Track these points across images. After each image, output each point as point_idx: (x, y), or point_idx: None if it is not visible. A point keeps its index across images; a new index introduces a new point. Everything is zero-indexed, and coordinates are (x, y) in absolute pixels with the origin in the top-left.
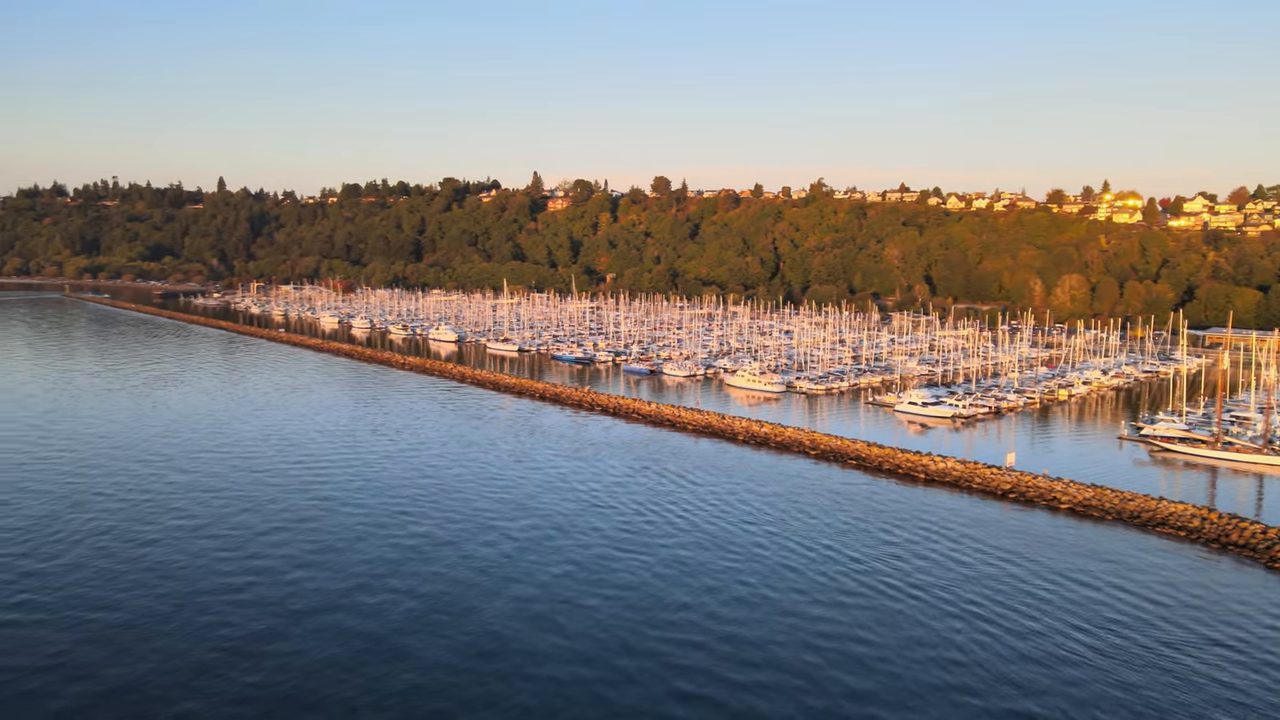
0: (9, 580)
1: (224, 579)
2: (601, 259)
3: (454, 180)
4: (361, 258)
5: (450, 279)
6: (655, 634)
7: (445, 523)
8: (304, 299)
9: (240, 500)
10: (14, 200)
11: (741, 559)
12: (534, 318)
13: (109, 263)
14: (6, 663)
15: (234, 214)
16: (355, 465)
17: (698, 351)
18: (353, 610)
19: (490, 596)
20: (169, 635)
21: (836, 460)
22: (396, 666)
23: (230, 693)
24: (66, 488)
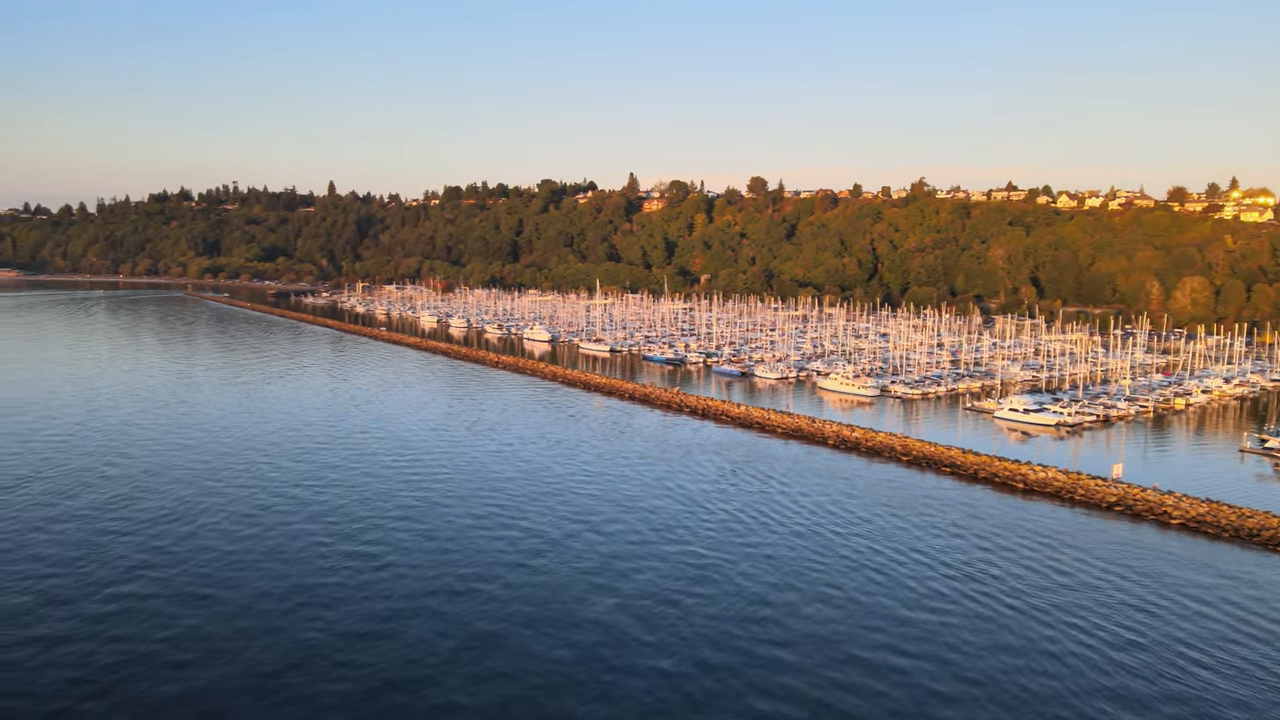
0: (133, 562)
1: (331, 567)
2: (696, 260)
3: (551, 182)
4: (461, 258)
5: (546, 279)
6: (744, 632)
7: (537, 519)
8: (405, 298)
9: (346, 492)
10: (145, 205)
11: (829, 561)
12: (627, 318)
13: (228, 263)
14: (129, 632)
15: (342, 216)
16: (453, 461)
17: (790, 354)
18: (456, 603)
19: (584, 592)
20: (282, 616)
21: (929, 467)
22: (502, 660)
23: (331, 675)
24: (191, 475)
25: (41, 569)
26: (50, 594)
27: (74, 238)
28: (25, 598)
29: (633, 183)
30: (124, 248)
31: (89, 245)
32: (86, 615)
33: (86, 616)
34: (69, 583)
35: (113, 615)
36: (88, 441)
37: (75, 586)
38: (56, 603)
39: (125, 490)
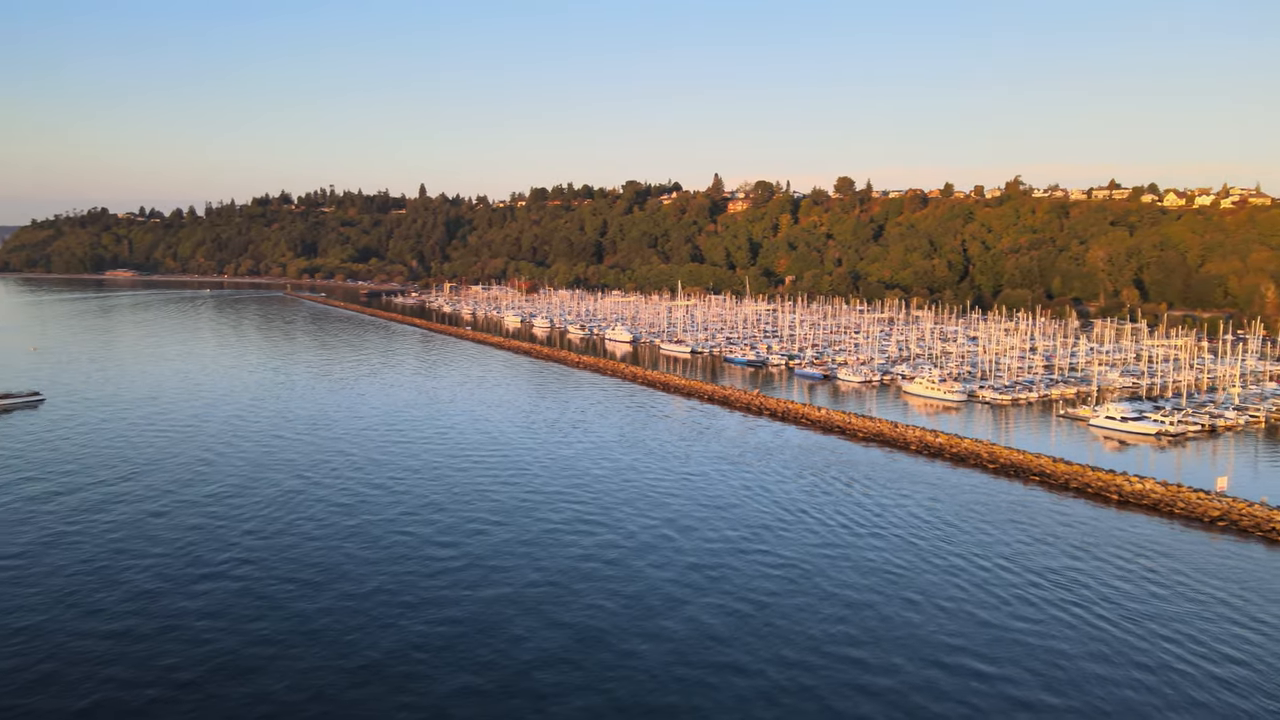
0: (235, 547)
1: (419, 559)
2: (780, 261)
3: (636, 183)
4: (546, 259)
5: (629, 280)
6: (825, 635)
7: (617, 517)
8: (491, 299)
9: (432, 487)
10: (249, 208)
11: (912, 567)
12: (709, 319)
13: (324, 263)
14: (231, 611)
15: (432, 218)
16: (535, 458)
17: (874, 357)
18: (538, 600)
19: (665, 592)
20: (370, 609)
21: (1017, 475)
22: (585, 656)
23: (408, 669)
24: (290, 467)
25: (156, 551)
26: (164, 575)
27: (184, 240)
28: (143, 575)
29: (717, 183)
30: (229, 249)
31: (197, 247)
32: (197, 596)
33: (197, 597)
34: (178, 565)
35: (217, 599)
36: (198, 433)
37: (185, 570)
38: (169, 585)
39: (236, 480)
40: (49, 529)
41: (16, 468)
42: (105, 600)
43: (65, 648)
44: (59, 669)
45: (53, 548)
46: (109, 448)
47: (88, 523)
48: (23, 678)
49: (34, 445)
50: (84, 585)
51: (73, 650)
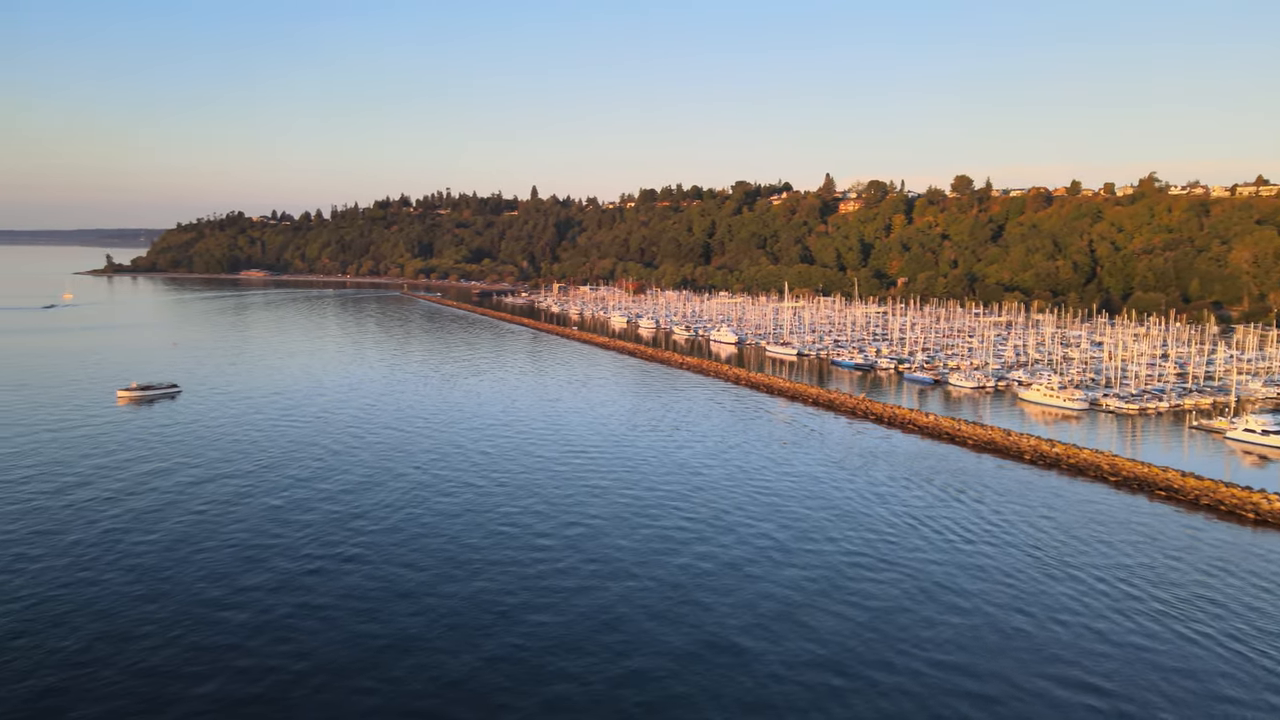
0: (345, 536)
1: (509, 553)
2: (893, 262)
3: (745, 183)
4: (654, 260)
5: (736, 281)
6: (918, 648)
7: (711, 517)
8: (598, 299)
9: (530, 482)
10: (370, 211)
11: (1021, 581)
12: (816, 322)
13: (439, 264)
14: (334, 598)
15: (543, 220)
16: (635, 457)
17: (989, 362)
18: (617, 594)
19: (751, 594)
20: (457, 597)
21: (1141, 489)
22: (639, 648)
23: (494, 651)
24: (405, 459)
25: (260, 537)
26: (294, 559)
27: (311, 241)
28: (279, 558)
29: (828, 183)
30: (351, 250)
31: (323, 248)
32: (287, 580)
33: (286, 581)
34: (280, 549)
35: (349, 583)
36: (320, 425)
37: (315, 554)
38: (298, 567)
39: (335, 471)
40: (190, 512)
41: (155, 453)
42: (241, 580)
43: (204, 621)
44: (197, 643)
45: (188, 529)
46: (238, 437)
47: (218, 507)
48: (166, 652)
49: (170, 433)
50: (219, 565)
51: (209, 626)
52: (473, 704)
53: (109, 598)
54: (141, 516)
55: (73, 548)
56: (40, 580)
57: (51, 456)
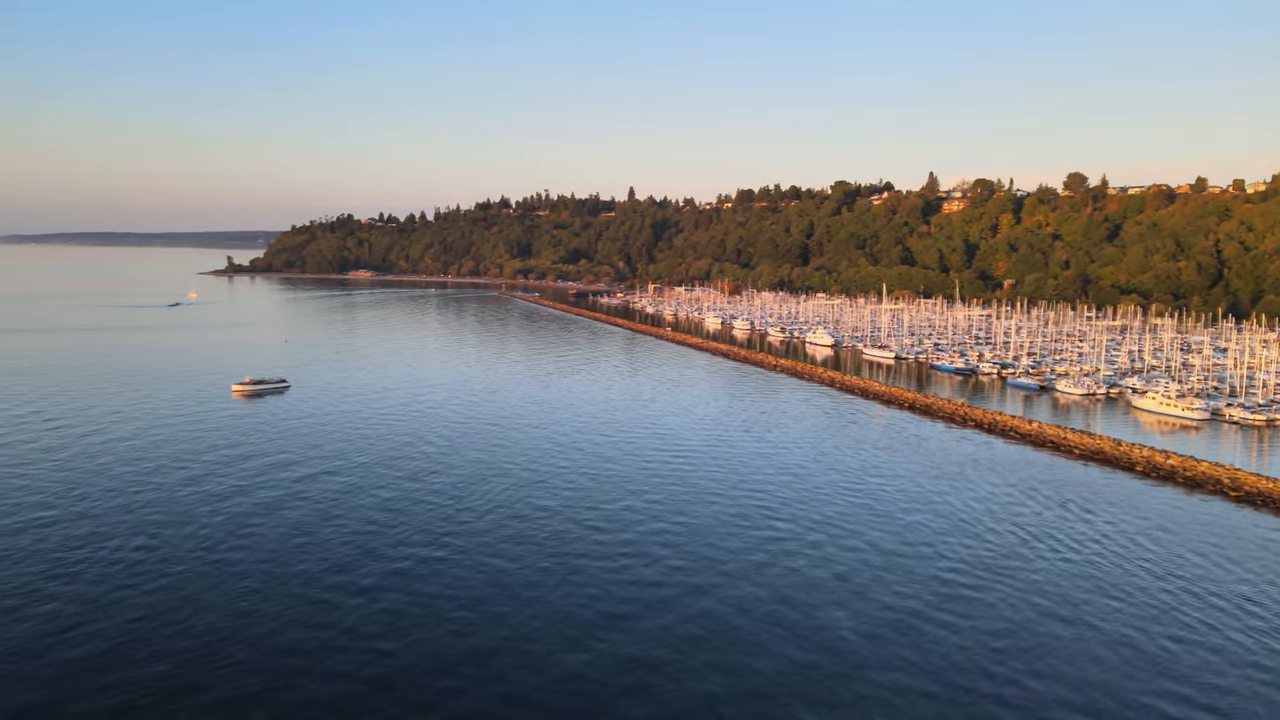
0: (448, 529)
1: (601, 552)
2: (999, 264)
3: (845, 183)
4: (750, 261)
5: (834, 283)
6: (1006, 657)
7: (796, 521)
8: (693, 300)
9: (624, 482)
10: (471, 213)
11: (1122, 600)
12: (916, 324)
13: (536, 264)
14: (429, 590)
15: (639, 220)
16: (725, 458)
17: (1100, 368)
18: (710, 597)
19: (827, 600)
20: (557, 593)
21: (1267, 506)
22: (742, 656)
23: (592, 650)
24: (491, 455)
25: (364, 528)
26: (368, 549)
27: (415, 243)
28: (350, 549)
29: (932, 182)
30: (453, 251)
31: (426, 249)
32: (392, 571)
33: (392, 572)
34: (385, 541)
35: (413, 573)
36: (420, 421)
37: (388, 545)
38: (372, 557)
39: (434, 466)
40: (284, 497)
41: (265, 445)
42: (352, 569)
43: (319, 606)
44: (315, 627)
45: (283, 515)
46: (342, 431)
47: (328, 498)
48: (289, 635)
49: (279, 426)
50: (331, 554)
51: (325, 611)
52: (568, 700)
53: (231, 580)
54: (259, 505)
55: (198, 532)
56: (169, 562)
57: (175, 445)
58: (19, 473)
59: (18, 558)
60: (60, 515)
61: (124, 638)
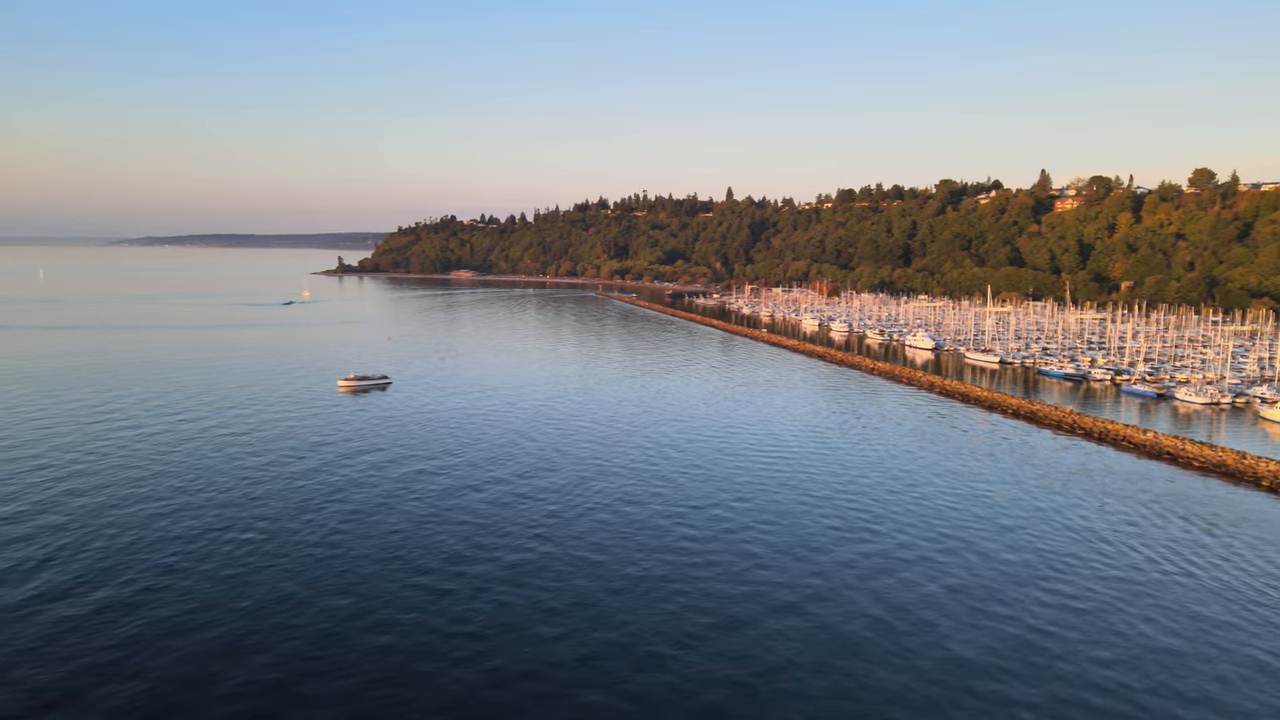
0: (545, 526)
1: (698, 558)
2: (1116, 265)
3: (950, 182)
4: (850, 262)
5: (937, 285)
6: (1127, 683)
7: (897, 530)
8: (790, 301)
9: (720, 484)
10: (570, 214)
11: (1246, 621)
12: (1023, 328)
13: (633, 265)
14: (531, 584)
15: (737, 221)
16: (822, 463)
17: (1225, 375)
18: (815, 604)
19: (931, 614)
20: (642, 597)
21: None
22: (845, 667)
23: (695, 651)
24: (590, 454)
25: (466, 520)
26: (475, 543)
27: (514, 243)
28: (456, 541)
29: (1044, 180)
30: (551, 252)
31: (525, 250)
32: (494, 563)
33: (494, 564)
34: (486, 535)
35: (515, 566)
36: (517, 419)
37: (494, 540)
38: (479, 552)
39: (532, 463)
40: (386, 492)
41: (368, 439)
42: (457, 563)
43: (397, 596)
44: (390, 615)
45: (387, 509)
46: (442, 426)
47: (431, 493)
48: (400, 626)
49: (381, 421)
50: (438, 547)
51: (401, 600)
52: (669, 698)
53: (327, 561)
54: (365, 497)
55: (310, 522)
56: (287, 550)
57: (287, 437)
58: (159, 461)
59: (156, 541)
60: (191, 501)
61: (246, 620)
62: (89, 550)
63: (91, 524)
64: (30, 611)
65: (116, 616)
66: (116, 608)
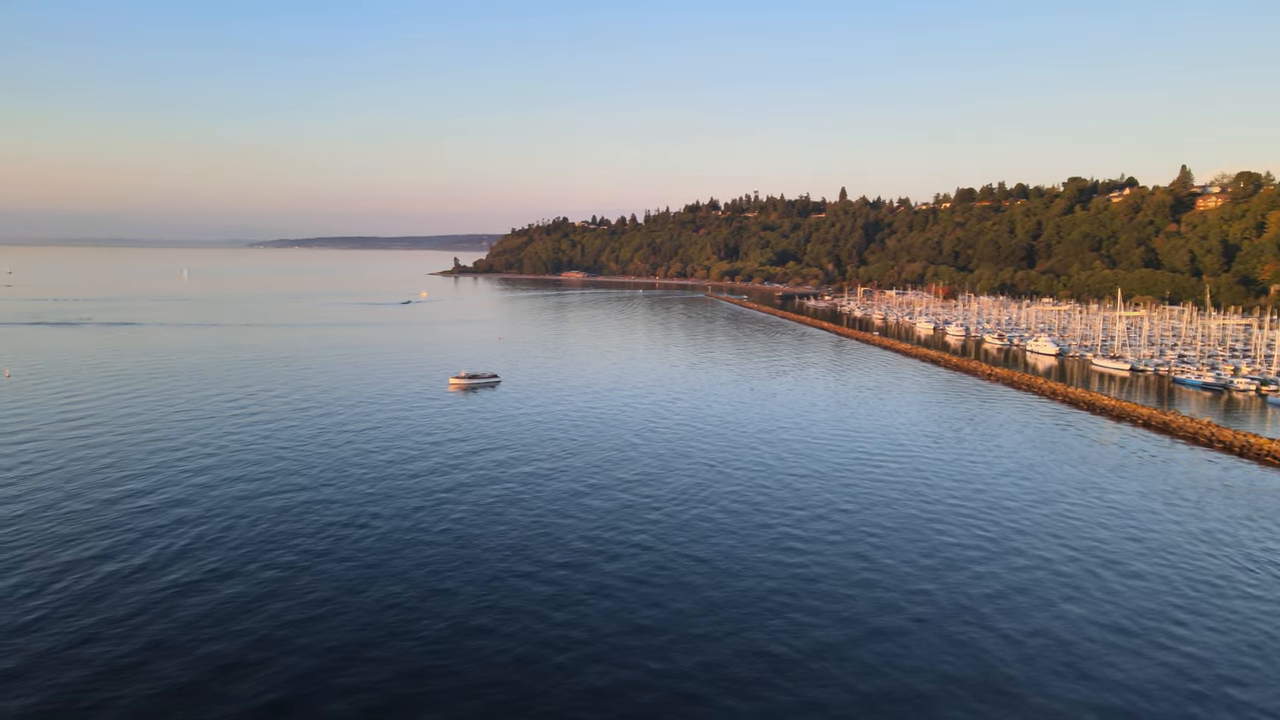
0: (639, 524)
1: (810, 565)
2: (1266, 267)
3: (1080, 180)
4: (969, 264)
5: (1062, 287)
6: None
7: (1027, 546)
8: (904, 304)
9: (831, 488)
10: (680, 215)
11: None
12: (1157, 333)
13: (743, 266)
14: (623, 582)
15: (850, 221)
16: (937, 470)
17: None
18: (940, 621)
19: (1089, 639)
20: (737, 592)
21: None
22: (975, 685)
23: (772, 655)
24: (697, 454)
25: (585, 526)
26: (591, 542)
27: (624, 245)
28: (575, 540)
29: (1183, 177)
30: (661, 253)
31: (635, 251)
32: (602, 556)
33: (601, 558)
34: (593, 530)
35: (618, 567)
36: (625, 421)
37: (608, 540)
38: (596, 553)
39: (639, 462)
40: (498, 484)
41: (478, 435)
42: (545, 555)
43: (514, 588)
44: (509, 608)
45: (509, 506)
46: (549, 426)
47: (528, 488)
48: (486, 615)
49: (491, 419)
50: (527, 539)
51: (518, 593)
52: (736, 697)
53: (439, 559)
54: (465, 490)
55: (413, 513)
56: (385, 539)
57: (403, 433)
58: (293, 456)
59: (288, 530)
60: (317, 493)
61: (378, 608)
62: (224, 543)
63: (226, 514)
64: (166, 606)
65: (246, 607)
66: (245, 599)
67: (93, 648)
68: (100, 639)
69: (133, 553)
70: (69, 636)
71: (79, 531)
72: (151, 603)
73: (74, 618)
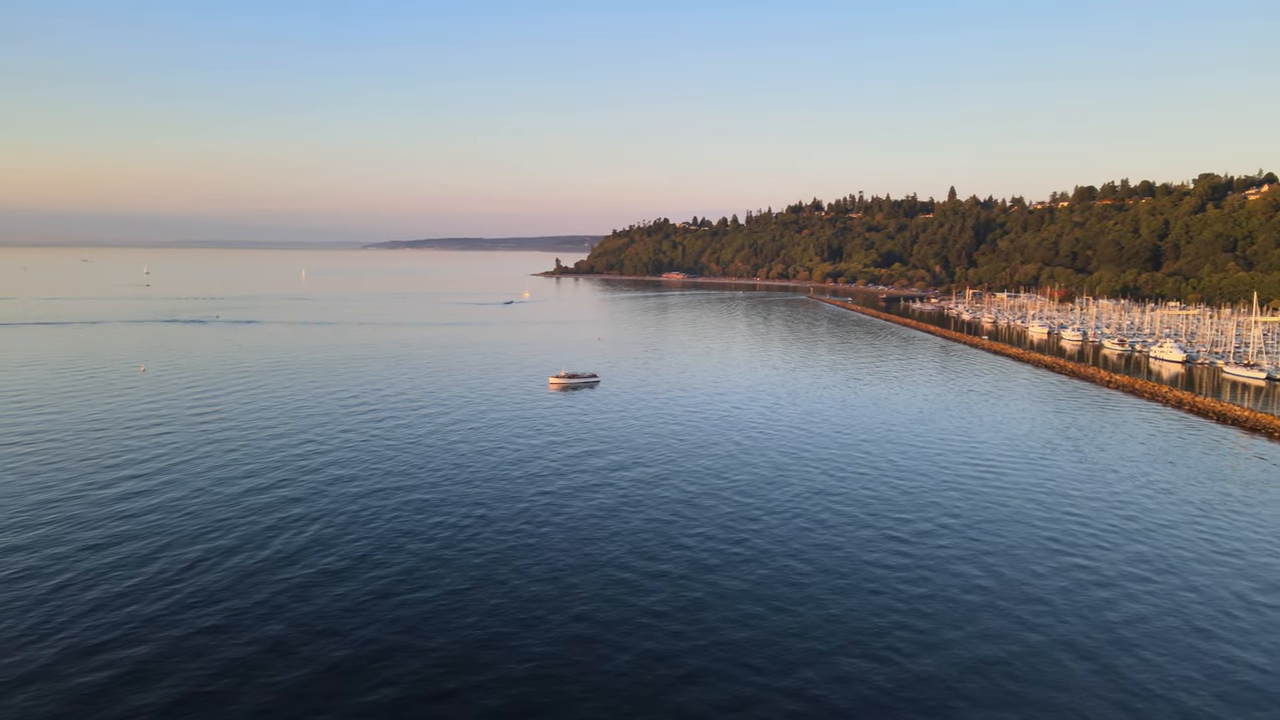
0: (748, 529)
1: (905, 568)
2: None
3: (1213, 176)
4: (1087, 265)
5: (1191, 290)
6: None
7: (1140, 559)
8: (1017, 307)
9: (932, 497)
10: (783, 215)
11: None
12: None
13: (846, 268)
14: (727, 585)
15: (960, 222)
16: (1047, 482)
17: None
18: (1031, 630)
19: (1185, 658)
20: (849, 600)
21: None
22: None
23: (888, 662)
24: (794, 459)
25: (667, 517)
26: (709, 547)
27: (725, 245)
28: (692, 541)
29: None
30: (762, 254)
31: (736, 252)
32: (691, 561)
33: (690, 562)
34: (685, 532)
35: (711, 565)
36: (727, 423)
37: (689, 536)
38: (714, 557)
39: (737, 465)
40: (596, 483)
41: (578, 435)
42: (657, 558)
43: (625, 591)
44: (620, 612)
45: (619, 510)
46: (648, 425)
47: (637, 489)
48: (595, 618)
49: (591, 419)
50: (638, 542)
51: (630, 596)
52: (846, 699)
53: (550, 560)
54: (573, 487)
55: (524, 511)
56: (494, 539)
57: (504, 430)
58: (405, 455)
59: (386, 519)
60: (429, 492)
61: (452, 597)
62: (344, 539)
63: (344, 511)
64: (295, 595)
65: (361, 604)
66: (362, 596)
67: (219, 638)
68: (227, 630)
69: (259, 544)
70: (197, 627)
71: (207, 525)
72: (278, 593)
73: (201, 606)
